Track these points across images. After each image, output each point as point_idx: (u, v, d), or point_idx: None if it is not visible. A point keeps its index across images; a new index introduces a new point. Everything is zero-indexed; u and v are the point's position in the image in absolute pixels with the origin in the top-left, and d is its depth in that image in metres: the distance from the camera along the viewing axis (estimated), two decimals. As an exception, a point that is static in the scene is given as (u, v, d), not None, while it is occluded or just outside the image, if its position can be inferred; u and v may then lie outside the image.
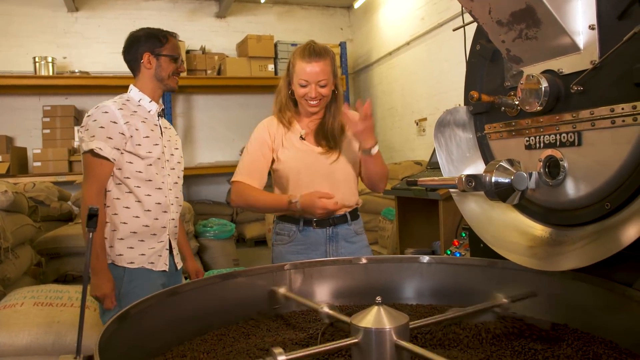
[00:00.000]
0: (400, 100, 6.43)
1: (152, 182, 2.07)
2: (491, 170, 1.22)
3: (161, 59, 2.12)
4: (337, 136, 2.04)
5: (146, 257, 2.07)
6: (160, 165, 2.10)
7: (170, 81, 2.16)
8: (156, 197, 2.08)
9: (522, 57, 1.25)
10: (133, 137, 2.04)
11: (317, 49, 1.98)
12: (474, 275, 1.41)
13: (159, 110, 2.19)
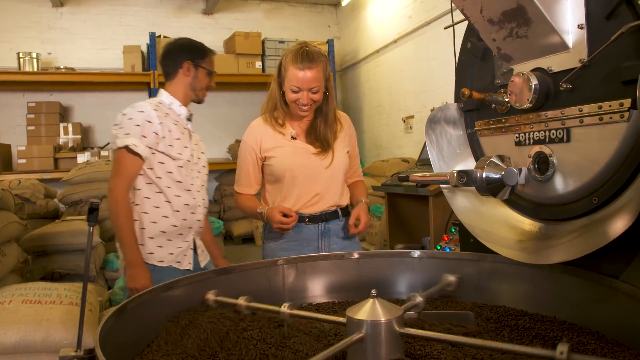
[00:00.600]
0: (387, 98, 6.47)
1: (182, 183, 2.15)
2: (482, 166, 1.25)
3: (199, 71, 2.23)
4: (328, 138, 2.06)
5: (174, 256, 2.15)
6: (189, 168, 2.18)
7: (201, 93, 2.28)
8: (185, 199, 2.16)
9: (512, 55, 1.27)
10: (166, 138, 2.12)
11: (310, 54, 1.96)
12: (465, 270, 1.44)
13: (187, 115, 2.28)
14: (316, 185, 2.04)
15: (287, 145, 2.06)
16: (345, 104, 7.76)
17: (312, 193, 2.05)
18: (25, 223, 3.96)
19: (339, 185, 2.10)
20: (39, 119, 6.22)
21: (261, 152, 2.06)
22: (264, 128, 2.08)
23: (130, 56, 6.45)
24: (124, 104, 7.69)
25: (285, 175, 2.04)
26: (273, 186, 2.10)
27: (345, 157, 2.10)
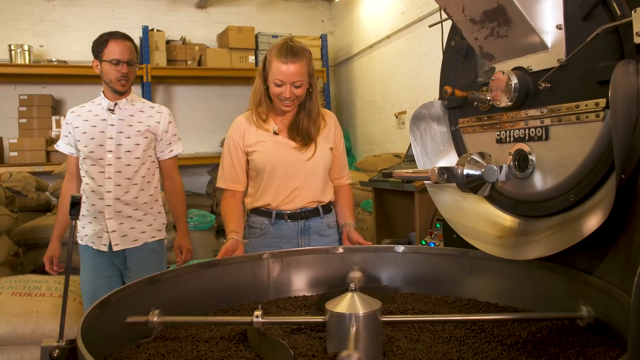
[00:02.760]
0: (380, 93, 6.48)
1: (88, 172, 2.47)
2: (463, 163, 1.27)
3: (103, 64, 2.43)
4: (311, 132, 2.06)
5: (88, 237, 2.50)
6: (97, 157, 2.44)
7: (115, 84, 2.44)
8: (92, 186, 2.47)
9: (494, 54, 1.29)
10: (72, 135, 2.50)
11: (294, 49, 1.97)
12: (446, 265, 1.47)
13: (110, 106, 2.49)
14: (295, 180, 2.05)
15: (269, 141, 2.06)
16: (339, 98, 7.77)
17: (290, 187, 2.06)
18: (16, 216, 3.96)
19: (320, 180, 2.10)
20: (31, 112, 6.19)
21: (245, 147, 2.07)
22: (247, 124, 2.09)
23: (123, 49, 6.43)
24: (116, 97, 7.52)
25: (265, 169, 2.05)
26: (254, 181, 2.11)
27: (328, 153, 2.10)
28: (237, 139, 2.07)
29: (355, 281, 1.44)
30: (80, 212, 2.10)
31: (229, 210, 2.05)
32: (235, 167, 2.08)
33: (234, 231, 1.94)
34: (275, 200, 2.05)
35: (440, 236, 2.66)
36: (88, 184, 2.47)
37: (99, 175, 2.45)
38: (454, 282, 1.44)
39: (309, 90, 2.06)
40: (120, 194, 2.48)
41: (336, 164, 2.18)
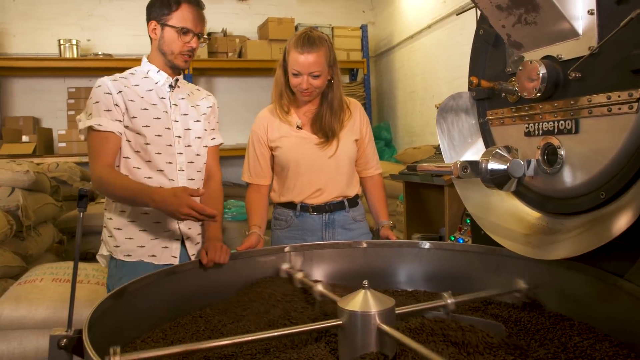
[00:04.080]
0: (421, 84, 6.35)
1: (151, 162, 1.82)
2: (487, 157, 1.22)
3: (165, 30, 1.81)
4: (334, 127, 2.01)
5: (145, 250, 1.82)
6: (165, 142, 1.83)
7: (174, 57, 1.83)
8: (158, 180, 1.82)
9: (522, 42, 1.23)
10: (128, 110, 1.80)
11: (312, 39, 1.93)
12: (472, 262, 1.41)
13: (171, 82, 1.88)
14: (319, 177, 2.00)
15: (292, 136, 2.03)
16: (379, 90, 7.67)
17: (314, 186, 2.02)
18: (60, 205, 4.10)
19: (344, 175, 2.05)
20: (79, 104, 6.39)
21: (268, 142, 2.05)
22: (270, 118, 2.07)
23: (166, 42, 6.54)
24: (159, 89, 7.68)
25: (289, 166, 2.02)
26: (279, 176, 2.08)
27: (352, 145, 2.05)
28: (260, 134, 2.06)
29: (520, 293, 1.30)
30: (128, 217, 1.79)
31: (252, 204, 2.04)
32: (260, 161, 2.06)
33: (256, 225, 1.93)
34: (298, 197, 2.03)
35: (469, 232, 2.58)
36: (151, 178, 1.81)
37: (168, 167, 1.84)
38: (479, 280, 1.38)
39: (330, 82, 2.02)
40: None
41: (362, 155, 2.12)
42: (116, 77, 1.83)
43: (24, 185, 3.32)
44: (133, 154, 1.82)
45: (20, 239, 3.24)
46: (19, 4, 6.59)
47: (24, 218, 3.17)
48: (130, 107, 1.80)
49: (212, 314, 1.30)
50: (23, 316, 2.58)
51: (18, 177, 3.27)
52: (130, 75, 1.87)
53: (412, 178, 3.64)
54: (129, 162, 1.82)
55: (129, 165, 1.81)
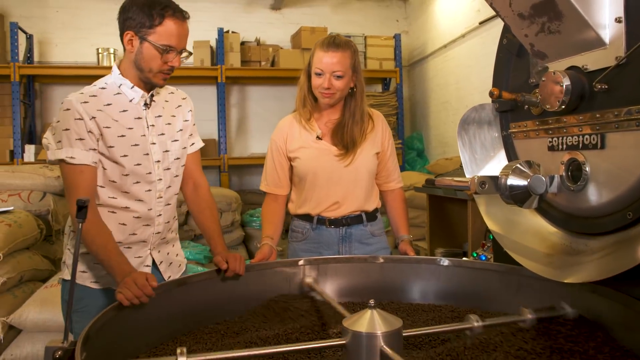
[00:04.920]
0: (454, 94, 6.25)
1: (129, 193, 1.66)
2: (507, 172, 1.16)
3: (144, 45, 1.57)
4: (355, 138, 1.95)
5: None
6: (143, 172, 1.66)
7: (152, 75, 1.61)
8: (136, 210, 1.67)
9: (546, 52, 1.17)
10: (103, 137, 1.60)
11: (337, 40, 1.92)
12: (491, 282, 1.35)
13: (146, 99, 1.67)
14: (337, 190, 1.95)
15: (312, 147, 1.98)
16: (412, 99, 7.59)
17: (332, 199, 1.97)
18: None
19: (363, 189, 1.99)
20: (115, 111, 6.54)
21: (287, 152, 2.01)
22: (291, 127, 2.02)
23: (200, 51, 6.61)
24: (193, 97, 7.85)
25: (307, 177, 1.97)
26: (297, 187, 2.04)
27: (372, 158, 2.00)
28: (279, 143, 2.02)
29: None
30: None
31: (268, 214, 2.01)
32: (278, 171, 2.02)
33: (269, 237, 1.89)
34: (315, 210, 1.98)
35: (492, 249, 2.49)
36: (128, 208, 1.66)
37: (147, 195, 1.68)
38: (499, 301, 1.32)
39: (353, 90, 1.97)
40: (169, 215, 1.78)
41: (384, 168, 2.06)
42: (86, 98, 1.59)
43: (55, 191, 3.39)
44: (108, 183, 1.64)
45: (50, 243, 3.31)
46: (61, 14, 6.80)
47: (53, 222, 3.23)
48: (106, 135, 1.60)
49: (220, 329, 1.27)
50: (47, 319, 2.63)
51: (50, 182, 3.34)
52: (100, 92, 1.63)
53: (436, 191, 3.56)
54: (103, 192, 1.64)
55: (104, 195, 1.64)
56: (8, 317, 2.65)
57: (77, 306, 1.61)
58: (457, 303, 1.39)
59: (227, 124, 7.11)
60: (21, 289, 2.89)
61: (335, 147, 1.97)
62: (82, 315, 1.53)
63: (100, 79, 1.69)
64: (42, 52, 6.80)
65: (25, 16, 6.67)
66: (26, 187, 3.28)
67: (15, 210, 3.03)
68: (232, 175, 7.34)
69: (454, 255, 3.50)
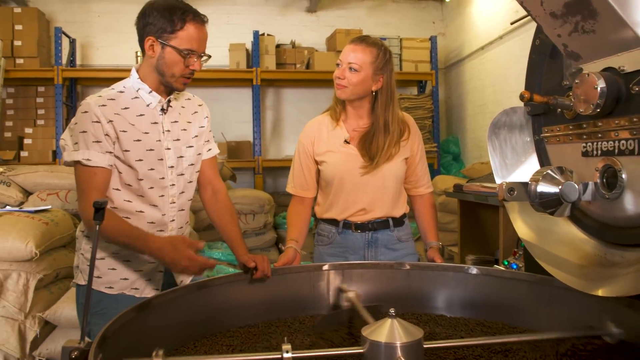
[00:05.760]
0: (491, 97, 6.12)
1: (144, 197, 1.68)
2: (537, 178, 1.11)
3: (166, 50, 1.59)
4: (383, 144, 1.89)
5: (129, 282, 1.69)
6: (157, 176, 1.68)
7: (174, 80, 1.64)
8: (150, 215, 1.69)
9: (580, 53, 1.11)
10: (120, 141, 1.62)
11: (366, 37, 1.89)
12: (520, 292, 1.30)
13: (160, 105, 1.69)
14: (364, 197, 1.91)
15: (339, 151, 1.93)
16: (449, 102, 7.48)
17: (358, 205, 1.92)
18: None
19: (390, 195, 1.94)
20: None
21: (314, 155, 1.98)
22: (319, 130, 1.98)
23: (236, 54, 6.69)
24: (229, 99, 7.93)
25: (333, 182, 1.93)
26: (324, 191, 2.00)
27: (401, 164, 1.94)
28: (307, 145, 1.99)
29: (352, 300, 1.34)
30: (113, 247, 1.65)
31: (293, 216, 1.98)
32: (305, 173, 1.99)
33: (293, 240, 1.87)
34: (341, 215, 1.95)
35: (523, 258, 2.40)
36: (142, 212, 1.68)
37: (160, 200, 1.69)
38: (528, 312, 1.27)
39: (376, 93, 1.91)
40: (182, 221, 1.81)
41: (413, 173, 2.01)
42: (104, 101, 1.61)
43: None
44: (123, 187, 1.66)
45: (86, 242, 3.37)
46: (103, 19, 6.99)
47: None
48: (123, 139, 1.62)
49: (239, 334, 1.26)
50: (81, 317, 2.68)
51: (86, 182, 3.41)
52: (118, 95, 1.65)
53: (467, 196, 3.47)
54: (118, 195, 1.66)
55: (119, 198, 1.66)
56: (44, 312, 2.71)
57: (96, 308, 1.64)
58: (484, 314, 1.34)
59: (262, 126, 7.16)
60: (57, 286, 2.96)
61: (363, 153, 1.91)
62: (101, 318, 1.55)
63: (119, 82, 1.71)
64: (84, 55, 7.00)
65: (69, 21, 6.88)
66: (64, 187, 3.37)
67: (53, 209, 3.11)
68: (267, 177, 7.38)
69: (484, 263, 3.42)
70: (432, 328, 1.30)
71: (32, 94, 6.41)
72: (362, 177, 1.90)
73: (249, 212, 4.80)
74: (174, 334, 1.16)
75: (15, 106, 6.37)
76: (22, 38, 6.19)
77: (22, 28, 6.22)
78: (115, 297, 1.67)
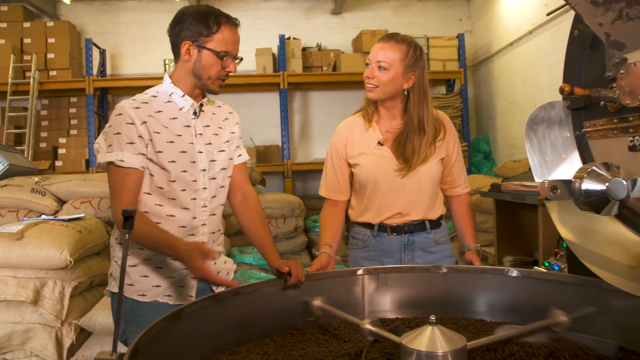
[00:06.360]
0: (522, 94, 5.99)
1: (176, 200, 1.67)
2: (581, 175, 1.06)
3: (203, 53, 1.62)
4: (419, 145, 1.83)
5: (161, 289, 1.67)
6: (189, 179, 1.68)
7: (210, 82, 1.66)
8: (181, 218, 1.68)
9: (624, 42, 1.05)
10: (153, 142, 1.63)
11: (395, 34, 1.84)
12: (565, 296, 1.24)
13: (193, 109, 1.70)
14: (399, 200, 1.86)
15: (372, 153, 1.88)
16: (478, 100, 7.36)
17: (394, 209, 1.87)
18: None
19: (427, 198, 1.88)
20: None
21: (347, 157, 1.92)
22: (351, 131, 1.93)
23: (262, 58, 6.71)
24: (256, 104, 7.95)
25: (367, 185, 1.88)
26: (357, 194, 1.95)
27: (436, 165, 1.88)
28: (339, 147, 1.94)
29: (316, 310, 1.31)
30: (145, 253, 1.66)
31: (327, 220, 1.94)
32: (337, 176, 1.94)
33: (327, 244, 1.84)
34: (377, 219, 1.90)
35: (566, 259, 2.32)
36: (174, 217, 1.67)
37: (192, 203, 1.69)
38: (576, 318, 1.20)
39: (408, 92, 1.84)
40: (214, 227, 1.79)
41: (449, 173, 1.94)
42: (138, 104, 1.63)
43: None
44: (155, 190, 1.66)
45: (119, 249, 3.41)
46: (131, 29, 7.12)
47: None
48: (156, 140, 1.63)
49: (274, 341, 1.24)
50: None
51: (118, 190, 3.45)
52: (152, 99, 1.67)
53: (503, 196, 3.36)
54: (149, 199, 1.66)
55: (150, 203, 1.66)
56: (79, 320, 2.75)
57: (130, 316, 1.63)
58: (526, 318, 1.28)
59: (290, 129, 7.16)
60: (91, 293, 2.99)
61: (397, 155, 1.85)
62: (136, 326, 1.55)
63: (151, 88, 1.73)
64: (114, 65, 7.13)
65: (99, 32, 7.02)
66: (96, 195, 3.41)
67: (86, 217, 3.15)
68: (296, 180, 7.38)
69: (523, 264, 3.31)
70: (472, 334, 1.25)
71: (64, 105, 6.56)
72: (397, 180, 1.85)
73: (279, 216, 4.79)
74: (208, 342, 1.15)
75: (49, 117, 6.52)
76: (54, 50, 6.34)
77: (55, 41, 6.37)
78: (149, 304, 1.66)
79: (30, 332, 2.67)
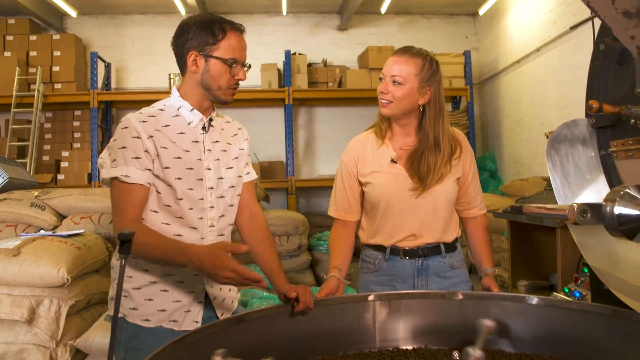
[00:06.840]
0: (529, 111, 5.94)
1: (183, 219, 1.59)
2: (614, 198, 0.98)
3: (211, 62, 1.55)
4: (434, 163, 1.74)
5: (166, 314, 1.57)
6: (197, 196, 1.59)
7: (221, 93, 1.58)
8: (189, 238, 1.57)
9: (658, 56, 0.99)
10: (160, 158, 1.54)
11: (409, 48, 1.76)
12: (591, 327, 1.16)
13: (202, 124, 1.62)
14: (413, 221, 1.77)
15: (385, 172, 1.79)
16: (484, 118, 7.31)
17: (407, 231, 1.78)
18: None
19: (442, 219, 1.79)
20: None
21: (358, 175, 1.84)
22: (362, 148, 1.85)
23: (267, 73, 6.69)
24: (261, 119, 7.93)
25: (379, 205, 1.79)
26: (368, 215, 1.86)
27: (452, 185, 1.79)
28: (350, 165, 1.85)
29: (486, 333, 1.18)
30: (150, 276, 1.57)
31: (336, 242, 1.84)
32: (348, 196, 1.85)
33: (336, 268, 1.74)
34: (389, 241, 1.80)
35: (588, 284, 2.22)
36: (181, 236, 1.57)
37: (200, 223, 1.61)
38: (601, 349, 1.12)
39: (423, 108, 1.76)
40: None
41: (465, 194, 1.85)
42: (145, 117, 1.55)
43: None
44: (162, 208, 1.57)
45: (119, 266, 3.33)
46: (137, 42, 7.12)
47: (123, 245, 3.26)
48: (163, 156, 1.54)
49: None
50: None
51: (120, 205, 3.38)
52: (159, 113, 1.58)
53: (518, 217, 3.24)
54: (156, 217, 1.57)
55: (157, 221, 1.56)
56: (75, 340, 2.66)
57: (132, 343, 1.53)
58: (548, 350, 1.20)
59: (295, 145, 7.12)
60: (89, 312, 2.90)
61: (412, 173, 1.76)
62: (137, 353, 1.46)
63: (159, 101, 1.65)
64: (119, 79, 7.12)
65: (104, 46, 7.02)
66: (97, 210, 3.35)
67: (86, 233, 3.08)
68: (300, 197, 7.31)
69: (538, 289, 3.20)
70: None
71: (68, 118, 6.53)
72: (411, 200, 1.75)
73: (283, 233, 4.70)
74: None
75: (52, 130, 6.50)
76: (60, 63, 6.33)
77: (60, 54, 6.36)
78: (152, 330, 1.55)
79: (24, 352, 2.57)
